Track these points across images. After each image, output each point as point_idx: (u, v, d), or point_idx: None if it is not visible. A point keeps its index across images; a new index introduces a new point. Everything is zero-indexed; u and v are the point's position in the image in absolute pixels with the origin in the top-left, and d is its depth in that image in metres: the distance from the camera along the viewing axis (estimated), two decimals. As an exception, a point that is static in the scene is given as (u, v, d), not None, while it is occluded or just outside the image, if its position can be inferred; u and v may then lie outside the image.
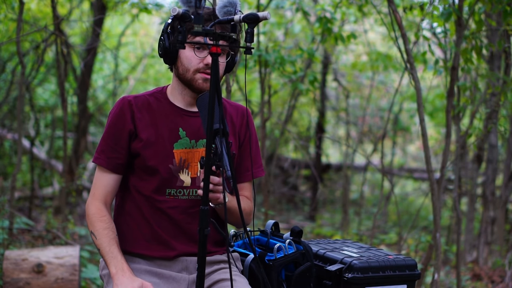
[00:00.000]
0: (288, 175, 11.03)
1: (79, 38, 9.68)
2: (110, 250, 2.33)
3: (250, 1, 6.47)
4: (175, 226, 2.41)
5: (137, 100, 2.44)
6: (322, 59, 9.06)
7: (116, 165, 2.42)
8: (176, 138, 2.42)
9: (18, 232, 5.75)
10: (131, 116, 2.41)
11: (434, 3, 4.42)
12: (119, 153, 2.41)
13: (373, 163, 6.97)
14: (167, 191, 2.40)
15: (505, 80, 4.91)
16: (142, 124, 2.41)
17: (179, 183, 2.41)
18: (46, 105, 9.75)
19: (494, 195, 6.20)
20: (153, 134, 2.41)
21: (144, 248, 2.43)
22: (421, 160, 11.99)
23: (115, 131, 2.42)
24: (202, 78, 2.36)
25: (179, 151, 2.42)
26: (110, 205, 2.45)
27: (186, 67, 2.37)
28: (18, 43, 4.96)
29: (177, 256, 2.42)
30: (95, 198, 2.42)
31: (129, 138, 2.41)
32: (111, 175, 2.43)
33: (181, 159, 2.41)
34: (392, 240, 7.75)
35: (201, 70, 2.36)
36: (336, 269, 2.54)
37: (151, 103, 2.45)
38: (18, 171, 5.12)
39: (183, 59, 2.37)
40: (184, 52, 2.36)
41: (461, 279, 4.75)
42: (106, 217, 2.39)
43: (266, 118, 5.63)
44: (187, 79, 2.39)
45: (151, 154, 2.40)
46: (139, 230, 2.43)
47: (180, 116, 2.44)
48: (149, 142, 2.40)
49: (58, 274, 4.28)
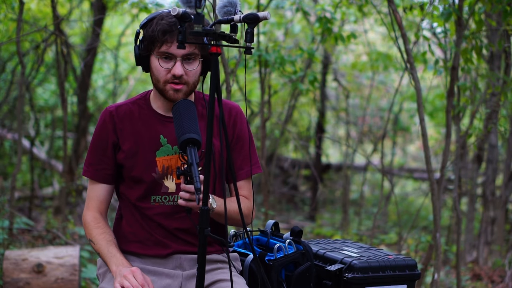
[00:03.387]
0: (288, 175, 11.04)
1: (79, 38, 9.68)
2: (109, 250, 2.36)
3: (250, 1, 6.47)
4: (165, 230, 2.43)
5: (119, 110, 2.45)
6: (322, 59, 9.06)
7: (105, 175, 2.46)
8: (158, 146, 2.42)
9: (18, 232, 5.75)
10: (113, 128, 2.43)
11: (434, 3, 4.42)
12: (107, 164, 2.45)
13: (373, 163, 6.97)
14: (152, 198, 2.42)
15: (505, 80, 4.91)
16: (123, 135, 2.43)
17: (164, 190, 2.42)
18: (46, 105, 9.75)
19: (494, 195, 6.20)
20: (134, 144, 2.42)
21: (139, 248, 2.45)
22: (421, 160, 11.99)
23: (100, 143, 2.45)
24: (172, 89, 2.34)
25: (162, 158, 2.42)
26: (106, 213, 2.50)
27: (157, 77, 2.36)
28: (18, 43, 4.96)
29: (171, 254, 2.43)
30: (89, 209, 2.48)
31: (113, 149, 2.44)
32: (102, 186, 2.47)
33: (164, 167, 2.41)
34: (392, 240, 7.75)
35: (169, 81, 2.34)
36: (336, 269, 2.54)
37: (133, 112, 2.45)
38: (18, 171, 5.13)
39: (153, 69, 2.36)
40: (153, 62, 2.35)
41: (461, 279, 4.75)
42: (101, 224, 2.43)
43: (266, 118, 5.63)
44: (159, 89, 2.38)
45: (134, 164, 2.42)
46: (134, 233, 2.46)
47: (161, 123, 2.44)
48: (131, 153, 2.42)
49: (58, 274, 4.28)
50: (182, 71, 2.32)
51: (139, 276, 2.23)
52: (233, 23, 2.14)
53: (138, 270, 2.25)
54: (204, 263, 2.09)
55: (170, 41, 2.30)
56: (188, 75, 2.35)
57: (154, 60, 2.34)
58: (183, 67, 2.33)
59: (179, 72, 2.31)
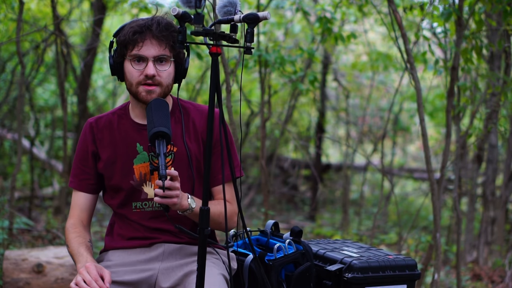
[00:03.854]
0: (288, 175, 11.03)
1: (79, 38, 9.68)
2: (78, 251, 2.42)
3: (250, 1, 6.47)
4: (149, 228, 2.50)
5: (99, 121, 2.55)
6: (322, 59, 9.06)
7: (88, 185, 2.54)
8: (135, 153, 2.49)
9: (18, 232, 5.75)
10: (92, 139, 2.52)
11: (434, 3, 4.42)
12: (89, 174, 2.54)
13: (373, 163, 6.97)
14: (133, 205, 2.50)
15: (505, 80, 4.91)
16: (102, 145, 2.52)
17: (144, 196, 2.49)
18: (46, 105, 9.74)
19: (494, 195, 6.20)
20: (112, 153, 2.51)
21: (126, 243, 2.53)
22: (421, 160, 11.99)
23: (82, 154, 2.55)
24: (144, 90, 2.41)
25: (139, 166, 2.49)
26: (87, 221, 2.57)
27: (130, 81, 2.43)
28: (18, 43, 4.97)
29: (154, 243, 2.49)
30: (70, 217, 2.56)
31: (94, 159, 2.53)
32: (84, 195, 2.56)
33: (141, 174, 2.48)
34: (392, 240, 7.74)
35: (142, 82, 2.41)
36: (336, 269, 2.54)
37: (112, 122, 2.54)
38: (18, 171, 5.13)
39: (127, 73, 2.44)
40: (126, 66, 2.43)
41: (461, 279, 4.75)
42: (78, 229, 2.50)
43: (266, 118, 5.63)
44: (133, 93, 2.45)
45: (112, 173, 2.50)
46: (122, 234, 2.54)
47: (137, 131, 2.51)
48: (109, 162, 2.50)
49: (58, 274, 4.28)
50: (154, 71, 2.38)
51: (92, 271, 2.27)
52: (233, 23, 2.15)
53: (92, 265, 2.29)
54: (204, 263, 2.09)
55: (141, 42, 2.37)
56: (161, 76, 2.41)
57: (128, 65, 2.42)
58: (155, 68, 2.39)
59: (151, 72, 2.38)
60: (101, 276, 2.27)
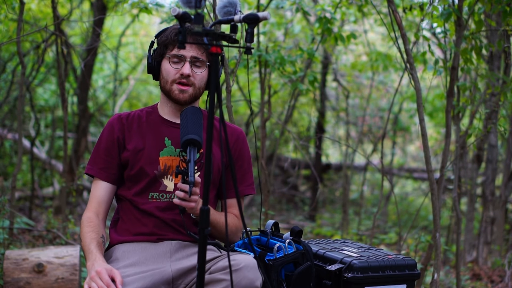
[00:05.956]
0: (288, 175, 11.03)
1: (79, 38, 9.68)
2: (89, 247, 2.46)
3: (250, 1, 6.46)
4: (159, 220, 2.55)
5: (128, 115, 2.66)
6: (322, 59, 9.06)
7: (109, 174, 2.60)
8: (162, 146, 2.59)
9: (19, 232, 5.76)
10: (120, 127, 2.61)
11: (434, 3, 4.42)
12: (110, 163, 2.60)
13: (373, 163, 6.96)
14: (150, 195, 2.56)
15: (504, 80, 4.92)
16: (130, 135, 2.60)
17: (162, 188, 2.57)
18: (46, 105, 9.75)
19: (493, 195, 6.20)
20: (140, 142, 2.59)
21: (132, 237, 2.57)
22: (421, 160, 11.99)
23: (106, 144, 2.61)
24: (178, 89, 2.56)
25: (164, 158, 2.58)
26: (104, 215, 2.61)
27: (165, 79, 2.57)
28: (18, 43, 4.97)
29: (162, 239, 2.54)
30: (87, 210, 2.60)
31: (118, 148, 2.59)
32: (104, 185, 2.60)
33: (166, 166, 2.56)
34: (392, 240, 7.75)
35: (177, 81, 2.55)
36: (336, 269, 2.55)
37: (141, 116, 2.66)
38: (18, 171, 5.13)
39: (163, 71, 2.57)
40: (164, 65, 2.57)
41: (460, 279, 4.75)
42: (92, 223, 2.54)
43: (266, 118, 5.63)
44: (166, 91, 2.59)
45: (138, 160, 2.57)
46: (127, 229, 2.58)
47: (166, 127, 2.62)
48: (136, 150, 2.58)
49: (59, 274, 4.29)
50: (190, 71, 2.52)
51: (104, 276, 2.30)
52: (233, 23, 2.16)
53: (103, 270, 2.32)
54: (204, 263, 2.10)
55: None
56: (195, 78, 2.55)
57: (166, 63, 2.56)
58: (191, 69, 2.53)
59: (187, 71, 2.52)
60: (111, 277, 2.31)
